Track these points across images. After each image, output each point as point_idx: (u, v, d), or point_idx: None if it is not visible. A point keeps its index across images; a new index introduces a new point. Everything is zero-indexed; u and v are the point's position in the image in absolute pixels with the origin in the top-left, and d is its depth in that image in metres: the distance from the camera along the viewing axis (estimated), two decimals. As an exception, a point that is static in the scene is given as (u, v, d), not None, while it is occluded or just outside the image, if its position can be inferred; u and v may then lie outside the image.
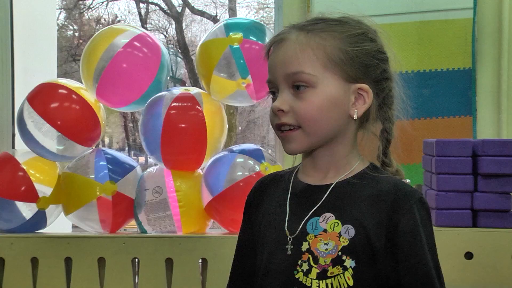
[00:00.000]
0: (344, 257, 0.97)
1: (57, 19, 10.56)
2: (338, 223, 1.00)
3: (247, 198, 1.17)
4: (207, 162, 2.37)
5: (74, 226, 2.77)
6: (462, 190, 2.02)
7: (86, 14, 13.24)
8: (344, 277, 0.97)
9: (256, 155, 2.33)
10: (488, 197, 2.00)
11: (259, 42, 2.32)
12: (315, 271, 0.99)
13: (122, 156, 2.54)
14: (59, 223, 2.52)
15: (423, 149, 2.20)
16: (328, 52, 1.00)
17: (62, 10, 12.20)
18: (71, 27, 13.14)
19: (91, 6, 13.02)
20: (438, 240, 1.01)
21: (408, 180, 1.08)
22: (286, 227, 1.04)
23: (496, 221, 2.01)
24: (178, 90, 2.40)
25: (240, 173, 2.27)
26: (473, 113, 2.46)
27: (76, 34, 13.11)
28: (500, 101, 2.44)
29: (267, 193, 1.13)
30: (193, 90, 2.42)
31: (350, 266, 0.97)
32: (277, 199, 1.09)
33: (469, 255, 2.00)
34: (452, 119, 2.47)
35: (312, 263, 0.99)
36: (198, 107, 2.32)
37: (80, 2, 12.70)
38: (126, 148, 13.50)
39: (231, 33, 2.33)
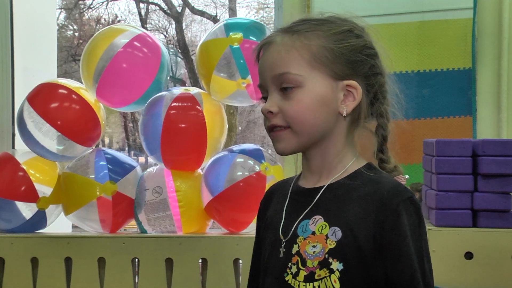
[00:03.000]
0: (330, 260, 0.96)
1: (57, 19, 10.55)
2: (325, 226, 0.99)
3: (259, 206, 1.19)
4: (207, 162, 2.37)
5: (74, 226, 2.77)
6: (462, 190, 2.02)
7: (86, 14, 13.25)
8: (331, 280, 0.96)
9: (256, 155, 2.33)
10: (488, 197, 2.00)
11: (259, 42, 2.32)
12: (302, 274, 0.98)
13: (122, 156, 2.55)
14: (59, 223, 2.52)
15: (423, 149, 2.20)
16: (314, 51, 1.00)
17: (62, 10, 12.21)
18: (71, 27, 13.14)
19: (91, 6, 13.03)
20: (438, 240, 1.00)
21: (406, 176, 1.06)
22: (280, 231, 1.04)
23: (496, 221, 2.00)
24: (178, 90, 2.40)
25: (240, 173, 2.27)
26: (473, 113, 2.46)
27: (76, 34, 13.11)
28: (500, 101, 2.44)
29: (272, 199, 1.13)
30: (193, 90, 2.42)
31: (337, 269, 0.96)
32: (278, 204, 1.10)
33: (469, 255, 1.99)
34: (452, 119, 2.47)
35: (300, 266, 0.99)
36: (198, 107, 2.32)
37: (80, 2, 12.71)
38: (126, 148, 13.50)
39: (231, 33, 2.33)
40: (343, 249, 0.96)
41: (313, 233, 1.00)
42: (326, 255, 0.97)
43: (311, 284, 0.97)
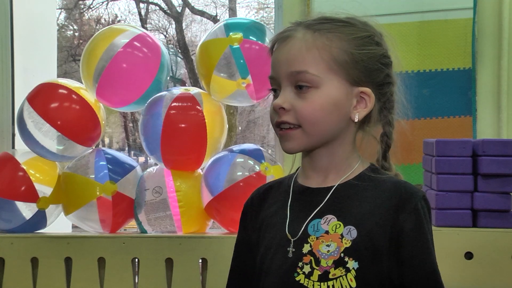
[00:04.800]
0: (346, 259, 0.97)
1: (57, 19, 10.55)
2: (340, 225, 0.99)
3: (244, 207, 1.16)
4: (207, 162, 2.37)
5: (74, 226, 2.77)
6: (462, 190, 2.02)
7: (86, 14, 13.25)
8: (347, 278, 0.96)
9: (256, 155, 2.33)
10: (488, 197, 2.00)
11: (259, 42, 2.32)
12: (316, 273, 0.98)
13: (122, 156, 2.54)
14: (59, 223, 2.52)
15: (423, 149, 2.20)
16: (334, 53, 1.00)
17: (62, 10, 12.20)
18: (71, 27, 13.14)
19: (91, 6, 13.02)
20: (438, 240, 1.01)
21: None
22: (287, 230, 1.03)
23: (496, 221, 2.01)
24: (178, 90, 2.40)
25: (240, 173, 2.27)
26: (473, 113, 2.46)
27: (76, 34, 13.11)
28: (500, 101, 2.44)
29: (265, 200, 1.12)
30: (193, 90, 2.42)
31: (353, 268, 0.96)
32: (278, 203, 1.08)
33: (469, 255, 2.00)
34: (452, 119, 2.47)
35: (314, 265, 0.99)
36: (198, 107, 2.32)
37: (80, 2, 12.70)
38: (126, 148, 13.50)
39: (231, 33, 2.33)
40: (359, 248, 0.97)
41: (327, 232, 0.99)
42: (342, 254, 0.97)
43: (326, 283, 0.97)
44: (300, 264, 1.00)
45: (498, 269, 1.99)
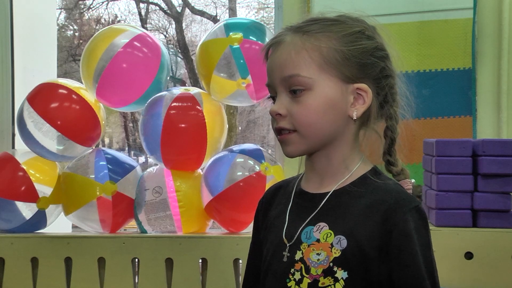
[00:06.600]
0: (335, 268, 0.96)
1: (57, 19, 10.55)
2: (330, 234, 0.98)
3: (257, 205, 1.17)
4: (207, 162, 2.37)
5: (74, 226, 2.77)
6: (462, 190, 2.02)
7: (86, 14, 13.25)
8: None
9: (256, 155, 2.33)
10: (488, 197, 2.00)
11: (259, 42, 2.32)
12: (306, 281, 0.98)
13: (122, 156, 2.54)
14: (59, 223, 2.52)
15: (423, 149, 2.20)
16: (324, 53, 0.99)
17: (62, 10, 12.21)
18: (71, 27, 13.15)
19: (91, 6, 13.03)
20: (438, 240, 1.00)
21: (413, 180, 1.06)
22: (284, 235, 1.03)
23: (496, 221, 2.01)
24: (178, 90, 2.40)
25: (240, 173, 2.27)
26: (473, 113, 2.46)
27: (76, 34, 13.12)
28: (500, 101, 2.44)
29: (274, 199, 1.12)
30: (193, 90, 2.42)
31: (342, 278, 0.96)
32: (281, 205, 1.08)
33: (469, 255, 2.00)
34: (452, 119, 2.47)
35: (304, 273, 0.98)
36: (198, 107, 2.32)
37: (80, 2, 12.71)
38: (126, 148, 13.50)
39: (231, 33, 2.33)
40: (348, 258, 0.96)
41: (318, 240, 0.99)
42: (331, 264, 0.97)
43: None
44: (292, 270, 1.00)
45: (498, 269, 1.99)
